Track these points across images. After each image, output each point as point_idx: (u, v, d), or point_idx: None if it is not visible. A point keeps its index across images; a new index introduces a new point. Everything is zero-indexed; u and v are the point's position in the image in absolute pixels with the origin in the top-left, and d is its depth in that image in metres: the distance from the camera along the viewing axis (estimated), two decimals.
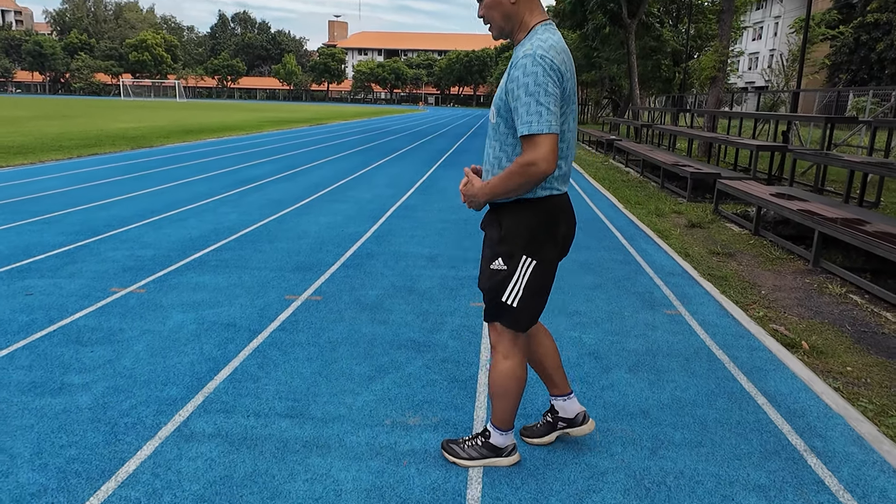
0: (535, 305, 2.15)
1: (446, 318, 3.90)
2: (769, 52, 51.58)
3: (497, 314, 2.14)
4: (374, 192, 9.11)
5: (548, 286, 2.15)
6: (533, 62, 1.86)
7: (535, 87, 1.85)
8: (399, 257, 5.40)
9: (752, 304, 4.45)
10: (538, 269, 2.09)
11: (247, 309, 4.00)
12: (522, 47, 1.94)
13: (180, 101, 72.55)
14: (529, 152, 1.89)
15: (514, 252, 2.06)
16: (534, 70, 1.86)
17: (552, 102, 1.87)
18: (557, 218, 2.09)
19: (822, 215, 5.54)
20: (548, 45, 1.90)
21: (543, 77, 1.85)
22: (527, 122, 1.87)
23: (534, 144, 1.88)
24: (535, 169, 1.89)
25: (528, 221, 2.05)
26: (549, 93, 1.86)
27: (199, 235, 6.06)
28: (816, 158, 7.45)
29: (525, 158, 1.90)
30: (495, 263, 2.09)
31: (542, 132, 1.87)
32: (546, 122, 1.87)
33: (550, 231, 2.08)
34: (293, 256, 5.34)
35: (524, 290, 2.09)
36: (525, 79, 1.86)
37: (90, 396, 2.81)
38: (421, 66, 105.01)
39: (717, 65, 14.92)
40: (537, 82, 1.85)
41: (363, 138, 20.97)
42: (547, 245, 2.08)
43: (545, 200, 2.06)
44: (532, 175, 1.90)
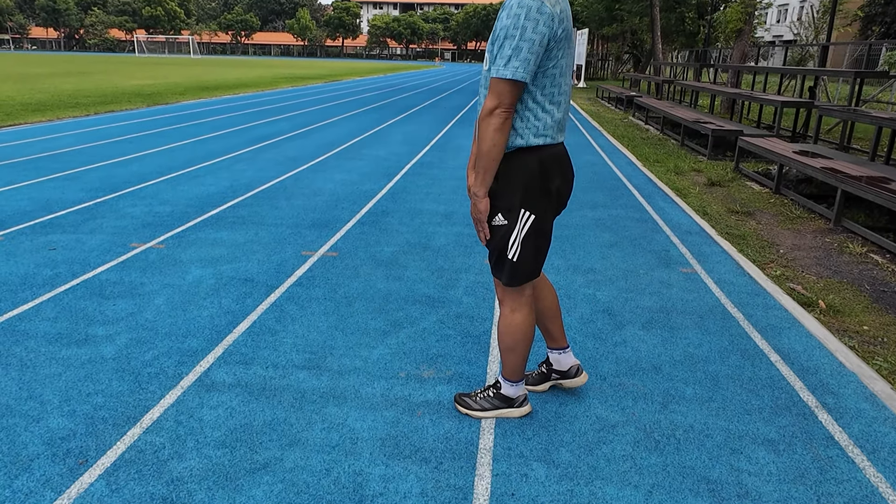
0: (536, 259, 2.14)
1: (461, 275, 3.92)
2: (799, 3, 49.57)
3: (501, 269, 2.15)
4: (390, 149, 9.06)
5: (546, 240, 2.14)
6: (519, 4, 1.81)
7: (514, 30, 1.81)
8: (414, 214, 5.40)
9: (769, 262, 4.41)
10: (535, 224, 2.07)
11: (264, 264, 4.05)
12: None
13: (194, 58, 71.95)
14: (490, 98, 1.88)
15: (512, 206, 2.04)
16: (517, 12, 1.81)
17: (527, 48, 1.82)
18: (551, 169, 2.04)
19: (845, 173, 5.42)
20: None
21: (525, 20, 1.80)
22: (497, 65, 1.85)
23: (495, 90, 1.87)
24: (498, 116, 1.87)
25: (522, 173, 2.01)
26: (525, 37, 1.81)
27: (216, 192, 6.10)
28: (843, 115, 7.24)
29: (485, 106, 1.89)
30: (496, 219, 2.07)
31: (506, 77, 1.83)
32: (512, 68, 1.82)
33: (545, 184, 2.04)
34: (309, 213, 5.37)
35: (523, 245, 2.08)
36: (507, 21, 1.83)
37: (114, 347, 2.89)
38: (437, 20, 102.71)
39: (744, 17, 14.39)
40: (516, 25, 1.81)
41: (378, 95, 20.73)
42: (542, 198, 2.05)
43: (537, 150, 2.01)
44: (497, 125, 1.88)
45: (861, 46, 16.62)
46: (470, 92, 23.77)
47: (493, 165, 1.95)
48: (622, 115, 16.20)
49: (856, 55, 17.55)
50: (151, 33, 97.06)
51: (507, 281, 2.14)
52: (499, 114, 1.88)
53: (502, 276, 2.15)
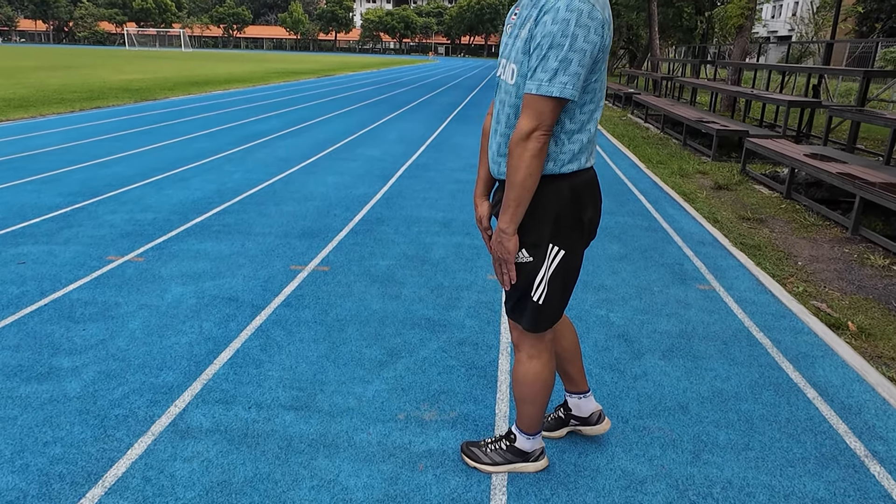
0: (562, 301, 1.86)
1: (462, 293, 3.64)
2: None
3: (521, 313, 1.85)
4: (384, 148, 8.75)
5: (574, 279, 1.85)
6: (567, 7, 1.51)
7: (562, 38, 1.51)
8: (411, 222, 5.11)
9: (789, 277, 4.15)
10: (566, 260, 1.78)
11: (250, 281, 3.76)
12: None
13: (185, 51, 71.14)
14: (528, 118, 1.57)
15: (540, 241, 1.75)
16: (566, 17, 1.51)
17: (577, 60, 1.53)
18: (583, 198, 1.75)
19: (863, 179, 5.17)
20: None
21: (576, 27, 1.51)
22: (538, 78, 1.55)
23: (534, 108, 1.56)
24: (536, 139, 1.57)
25: (553, 203, 1.72)
26: (575, 47, 1.52)
27: (202, 197, 5.78)
28: (854, 116, 6.99)
29: (521, 128, 1.58)
30: (519, 255, 1.77)
31: (551, 94, 1.54)
32: (559, 84, 1.54)
33: (577, 215, 1.75)
34: (299, 221, 5.07)
35: (550, 285, 1.79)
36: (553, 27, 1.52)
37: (79, 383, 2.59)
38: (431, 14, 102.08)
39: (745, 12, 14.14)
40: (565, 33, 1.51)
41: (372, 91, 20.38)
42: (574, 231, 1.77)
43: (571, 177, 1.72)
44: (536, 150, 1.58)
45: (863, 44, 16.42)
46: (465, 87, 23.45)
47: (527, 197, 1.64)
48: (621, 112, 15.93)
49: (857, 53, 17.35)
50: (142, 26, 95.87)
51: (529, 326, 1.85)
52: (538, 137, 1.58)
53: (523, 319, 1.85)
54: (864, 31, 33.59)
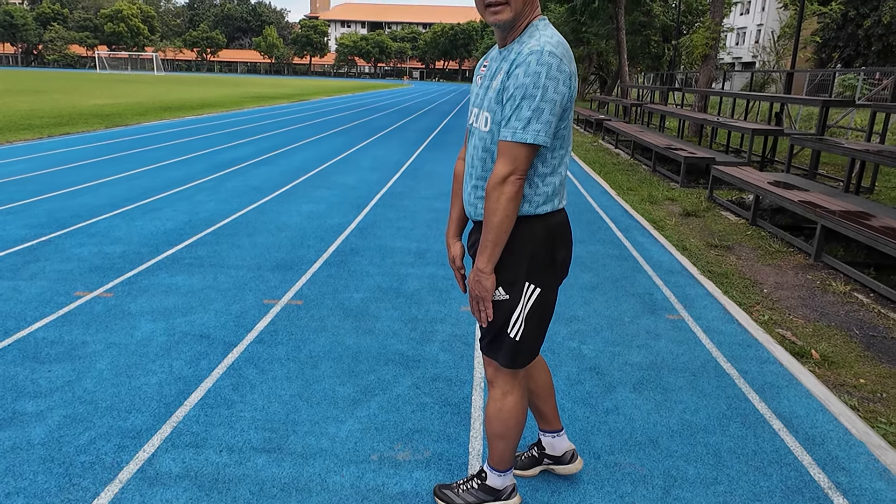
0: (538, 338, 1.92)
1: (436, 326, 3.66)
2: (757, 27, 51.21)
3: (497, 349, 1.90)
4: (359, 176, 8.78)
5: (550, 316, 1.92)
6: (538, 61, 1.62)
7: (534, 89, 1.62)
8: (385, 253, 5.12)
9: (755, 305, 4.26)
10: (542, 297, 1.85)
11: (222, 316, 3.72)
12: (525, 44, 1.68)
13: (158, 75, 70.70)
14: (503, 164, 1.67)
15: (516, 279, 1.81)
16: (537, 70, 1.62)
17: (548, 109, 1.64)
18: (557, 239, 1.85)
19: (824, 207, 5.35)
20: (555, 41, 1.67)
21: (546, 79, 1.62)
22: (511, 127, 1.66)
23: (510, 154, 1.67)
24: (511, 183, 1.66)
25: (529, 243, 1.79)
26: (546, 98, 1.63)
27: (174, 228, 5.73)
28: (815, 145, 7.25)
29: (497, 173, 1.67)
30: (496, 293, 1.83)
31: (525, 141, 1.64)
32: (533, 131, 1.64)
33: (551, 254, 1.84)
34: (273, 252, 5.05)
35: (527, 322, 1.85)
36: (525, 79, 1.63)
37: (44, 428, 2.53)
38: (405, 39, 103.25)
39: (710, 42, 14.61)
40: (537, 84, 1.62)
41: (347, 116, 20.47)
42: (548, 270, 1.85)
43: (546, 218, 1.81)
44: (512, 193, 1.67)
45: (822, 73, 17.08)
46: (439, 113, 23.69)
47: (504, 238, 1.72)
48: (592, 138, 16.24)
49: (817, 80, 18.03)
50: (114, 49, 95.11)
51: (506, 362, 1.89)
52: (513, 181, 1.67)
53: (499, 356, 1.89)
54: (822, 58, 34.91)
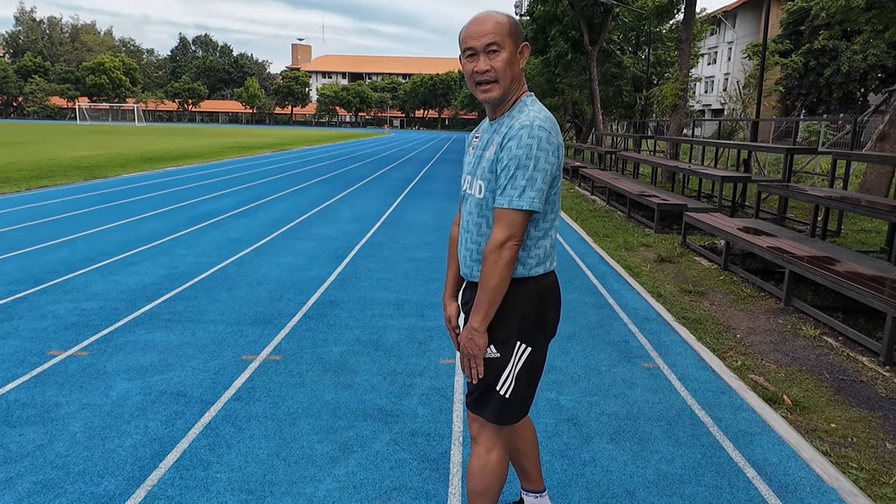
0: (527, 396, 1.98)
1: (415, 380, 3.67)
2: (724, 76, 53.33)
3: (485, 406, 1.95)
4: (339, 227, 8.86)
5: (539, 375, 1.99)
6: (529, 134, 1.76)
7: (527, 160, 1.76)
8: (364, 305, 5.15)
9: (728, 350, 4.34)
10: (533, 356, 1.93)
11: (199, 373, 3.70)
12: (515, 118, 1.83)
13: (139, 126, 71.06)
14: (501, 229, 1.78)
15: (507, 337, 1.89)
16: (529, 142, 1.76)
17: (541, 178, 1.77)
18: (548, 300, 1.95)
19: (791, 253, 5.52)
20: (543, 115, 1.82)
21: (538, 150, 1.76)
22: (508, 195, 1.78)
23: (507, 221, 1.78)
24: (509, 248, 1.77)
25: (521, 303, 1.89)
26: (538, 167, 1.76)
27: (152, 283, 5.71)
28: (782, 191, 7.52)
29: (496, 238, 1.78)
30: (488, 351, 1.89)
31: (521, 208, 1.76)
32: (528, 198, 1.76)
33: (542, 314, 1.93)
34: (252, 306, 5.05)
35: (517, 380, 1.91)
36: (518, 150, 1.76)
37: (13, 496, 2.48)
38: (385, 89, 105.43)
39: (679, 93, 15.20)
40: (529, 155, 1.76)
41: (327, 166, 20.70)
42: (539, 331, 1.93)
43: (538, 280, 1.91)
44: (509, 258, 1.78)
45: (787, 121, 17.78)
46: (419, 161, 24.06)
47: (499, 300, 1.82)
48: (568, 184, 16.60)
49: (782, 127, 18.76)
50: (95, 101, 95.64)
51: (494, 418, 1.94)
52: (511, 246, 1.77)
53: (486, 412, 1.95)
54: (787, 105, 36.37)
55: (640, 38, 26.51)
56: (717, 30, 53.25)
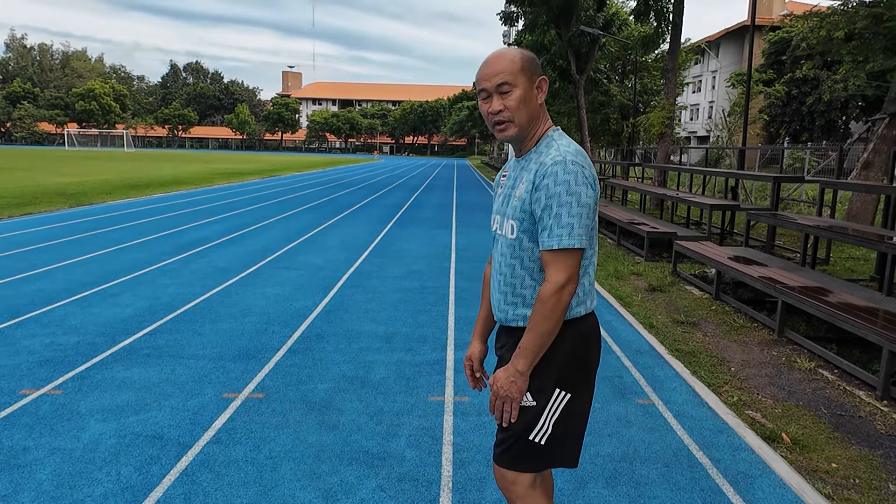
0: (569, 440, 1.85)
1: (403, 419, 3.54)
2: (709, 103, 54.23)
3: (518, 457, 1.83)
4: (326, 256, 8.74)
5: (582, 424, 1.87)
6: (565, 170, 1.70)
7: (568, 196, 1.69)
8: (351, 338, 5.02)
9: (724, 385, 4.25)
10: (572, 402, 1.82)
11: (178, 413, 3.54)
12: (544, 154, 1.77)
13: (128, 151, 70.89)
14: (559, 272, 1.70)
15: (544, 385, 1.79)
16: (566, 178, 1.70)
17: (585, 214, 1.71)
18: (589, 342, 1.84)
19: (783, 283, 5.47)
20: (573, 149, 1.76)
21: (576, 185, 1.70)
22: (557, 234, 1.70)
23: (563, 262, 1.70)
24: (568, 292, 1.70)
25: (561, 349, 1.78)
26: (581, 202, 1.70)
27: (133, 315, 5.55)
28: (771, 220, 7.52)
29: (555, 281, 1.69)
30: (524, 398, 1.79)
31: (573, 247, 1.69)
32: (577, 236, 1.70)
33: (584, 358, 1.83)
34: (235, 340, 4.90)
35: (555, 427, 1.81)
36: (557, 188, 1.70)
37: None
38: (375, 115, 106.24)
39: (665, 121, 15.36)
40: (570, 191, 1.69)
41: (316, 192, 20.64)
42: (580, 374, 1.83)
43: (578, 322, 1.81)
44: (565, 302, 1.70)
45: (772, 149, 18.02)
46: (408, 188, 24.07)
47: (548, 344, 1.74)
48: None
49: (768, 154, 19.01)
50: (84, 127, 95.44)
51: (531, 466, 1.83)
52: (570, 291, 1.70)
53: (521, 463, 1.82)
54: (771, 132, 36.94)
55: (627, 67, 26.94)
56: (702, 59, 54.32)
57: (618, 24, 24.38)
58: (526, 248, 1.80)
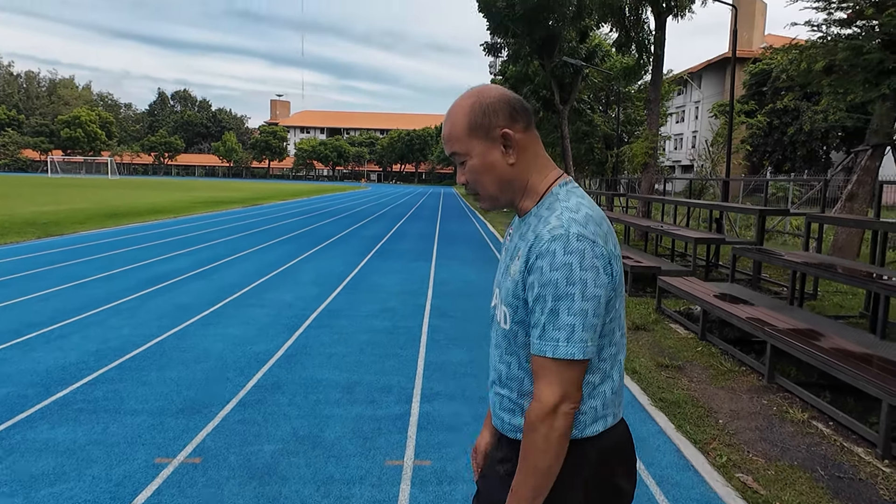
0: None
1: (354, 490, 3.14)
2: (692, 133, 54.86)
3: None
4: (297, 291, 8.35)
5: None
6: (565, 248, 1.26)
7: (569, 286, 1.25)
8: (310, 388, 4.63)
9: (711, 441, 3.90)
10: None
11: (98, 485, 3.13)
12: (543, 219, 1.34)
13: (112, 178, 70.31)
14: (550, 386, 1.26)
15: None
16: (566, 261, 1.26)
17: (591, 311, 1.26)
18: (614, 464, 1.40)
19: (772, 325, 5.17)
20: (582, 216, 1.32)
21: (581, 271, 1.26)
22: (551, 338, 1.26)
23: (556, 375, 1.26)
24: (564, 414, 1.26)
25: (579, 474, 1.35)
26: (587, 295, 1.26)
27: (76, 361, 5.12)
28: (757, 256, 7.27)
29: (545, 400, 1.26)
30: None
31: (573, 357, 1.26)
32: (579, 344, 1.26)
33: (610, 484, 1.39)
34: (182, 391, 4.49)
35: None
36: (553, 274, 1.26)
37: None
38: (363, 144, 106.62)
39: (649, 151, 15.26)
40: (570, 279, 1.25)
41: (298, 222, 20.28)
42: (613, 498, 1.39)
43: (598, 440, 1.37)
44: (564, 428, 1.27)
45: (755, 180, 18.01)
46: (392, 217, 23.80)
47: (550, 484, 1.30)
48: None
49: (752, 185, 19.01)
50: (69, 154, 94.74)
51: None
52: (566, 413, 1.27)
53: None
54: (754, 162, 37.28)
55: (610, 98, 27.11)
56: (684, 90, 55.15)
57: (600, 55, 24.57)
58: (522, 343, 1.38)
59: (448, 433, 3.85)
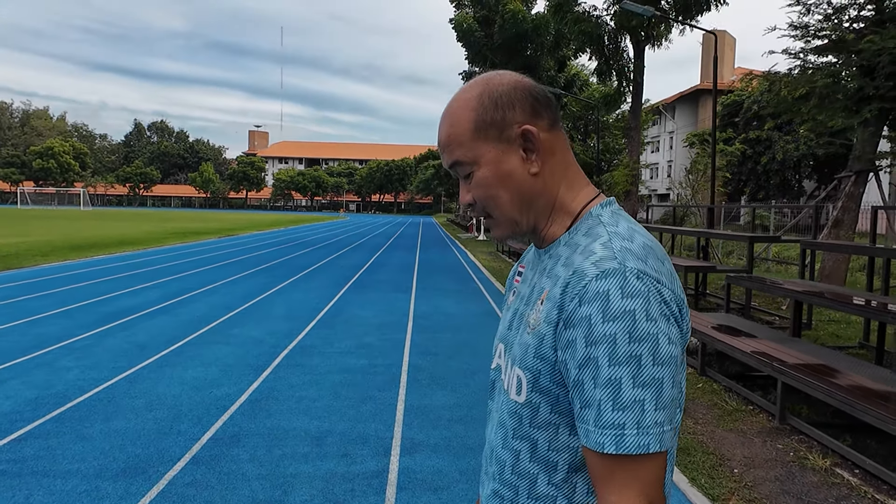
0: None
1: None
2: (667, 162, 55.65)
3: None
4: (267, 327, 7.80)
5: None
6: (623, 289, 0.84)
7: (634, 343, 0.83)
8: (274, 440, 4.09)
9: (730, 496, 3.45)
10: None
11: None
12: (579, 249, 0.93)
13: (84, 210, 68.85)
14: (629, 497, 0.83)
15: None
16: (625, 308, 0.83)
17: (668, 379, 0.84)
18: None
19: (781, 360, 4.78)
20: (638, 245, 0.90)
21: (649, 322, 0.83)
22: (612, 423, 0.83)
23: (631, 476, 0.83)
24: None
25: None
26: (660, 357, 0.83)
27: (10, 411, 4.52)
28: (754, 284, 6.95)
29: None
30: None
31: (650, 450, 0.82)
32: (656, 428, 0.83)
33: None
34: (127, 446, 3.92)
35: None
36: (607, 326, 0.83)
37: None
38: (342, 174, 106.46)
39: (630, 178, 15.10)
40: (635, 335, 0.83)
41: (273, 252, 19.68)
42: None
43: None
44: None
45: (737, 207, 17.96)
46: (370, 247, 23.31)
47: None
48: None
49: (733, 213, 18.98)
50: (41, 185, 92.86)
51: None
52: None
53: None
54: (730, 190, 37.73)
55: (589, 127, 27.22)
56: (659, 120, 56.11)
57: (579, 84, 24.69)
58: (543, 422, 0.94)
59: (432, 495, 3.34)
